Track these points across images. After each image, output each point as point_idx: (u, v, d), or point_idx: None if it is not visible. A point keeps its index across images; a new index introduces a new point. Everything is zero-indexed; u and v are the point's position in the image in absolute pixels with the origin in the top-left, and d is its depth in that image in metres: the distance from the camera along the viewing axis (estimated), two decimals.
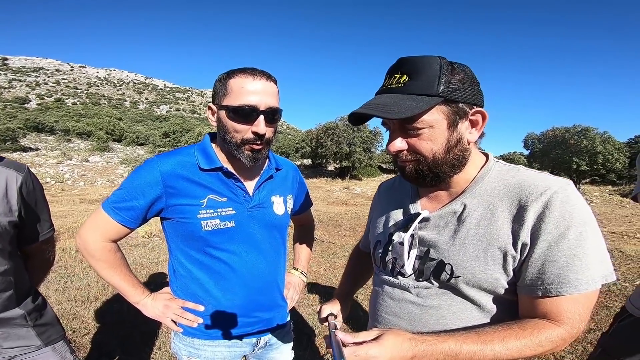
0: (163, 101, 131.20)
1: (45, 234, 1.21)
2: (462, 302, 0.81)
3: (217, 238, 1.08)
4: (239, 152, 1.05)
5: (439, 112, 0.75)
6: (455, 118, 0.76)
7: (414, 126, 0.76)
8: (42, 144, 32.39)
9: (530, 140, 36.68)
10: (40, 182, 1.21)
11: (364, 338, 0.69)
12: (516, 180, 0.78)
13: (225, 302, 1.13)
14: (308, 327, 3.10)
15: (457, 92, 0.74)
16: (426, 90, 0.73)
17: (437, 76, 0.73)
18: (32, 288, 1.18)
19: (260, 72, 1.03)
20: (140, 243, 5.79)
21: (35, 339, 1.11)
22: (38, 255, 1.24)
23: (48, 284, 3.76)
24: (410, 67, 0.76)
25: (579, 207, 0.71)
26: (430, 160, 0.78)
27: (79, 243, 1.09)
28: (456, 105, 0.75)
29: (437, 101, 0.73)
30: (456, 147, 0.78)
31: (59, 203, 12.06)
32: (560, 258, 0.69)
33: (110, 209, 1.04)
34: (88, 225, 1.08)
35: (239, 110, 1.00)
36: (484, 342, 0.69)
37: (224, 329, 1.15)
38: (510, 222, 0.75)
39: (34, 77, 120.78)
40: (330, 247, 6.15)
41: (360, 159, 31.61)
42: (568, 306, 0.70)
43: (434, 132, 0.76)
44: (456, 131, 0.77)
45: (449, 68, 0.74)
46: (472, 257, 0.77)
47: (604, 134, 29.83)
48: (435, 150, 0.77)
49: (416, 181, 0.84)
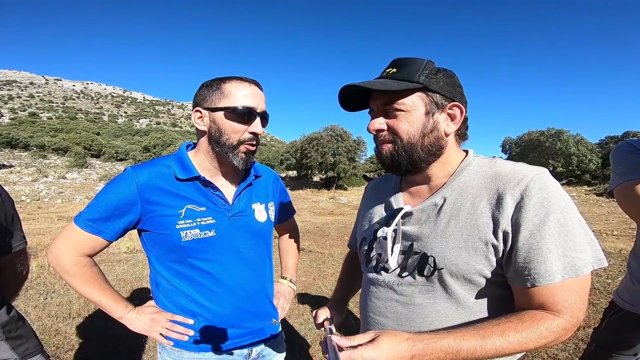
0: (143, 114, 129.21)
1: (17, 246, 1.19)
2: (446, 300, 0.81)
3: (198, 248, 1.07)
4: (233, 154, 1.05)
5: (418, 98, 0.82)
6: (432, 107, 0.83)
7: (394, 107, 0.82)
8: (16, 160, 31.25)
9: (507, 145, 37.82)
10: (10, 195, 1.18)
11: (359, 341, 0.68)
12: (493, 171, 0.81)
13: (213, 313, 1.11)
14: (300, 336, 3.06)
15: (435, 85, 0.82)
16: (408, 77, 0.81)
17: (420, 69, 0.82)
18: (5, 301, 1.14)
19: (251, 79, 1.09)
20: (123, 259, 5.64)
21: (9, 352, 1.07)
22: (10, 269, 1.21)
23: (27, 301, 3.64)
24: (399, 63, 0.85)
25: (556, 194, 0.73)
26: (406, 141, 0.83)
27: (51, 259, 1.05)
28: (434, 95, 0.82)
29: (416, 86, 0.80)
30: (431, 133, 0.83)
31: (36, 221, 11.60)
32: (544, 245, 0.70)
33: (83, 223, 1.01)
34: (60, 240, 1.05)
35: (239, 111, 1.03)
36: (484, 337, 0.69)
37: (214, 340, 1.12)
38: (490, 211, 0.77)
39: (7, 91, 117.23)
40: (318, 257, 6.12)
41: (345, 168, 31.79)
42: (562, 295, 0.70)
43: (411, 116, 0.82)
44: (432, 119, 0.83)
45: (432, 67, 0.83)
46: (453, 247, 0.79)
47: (576, 136, 31.04)
48: (411, 132, 0.82)
49: (392, 166, 0.87)
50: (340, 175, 32.46)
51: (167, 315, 1.10)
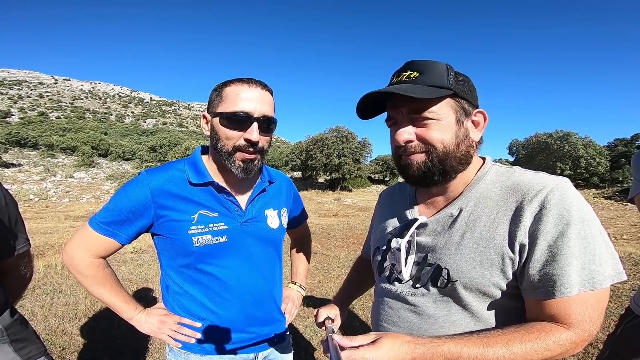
0: (149, 115, 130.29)
1: (20, 248, 1.19)
2: (460, 311, 0.80)
3: (210, 253, 1.06)
4: (230, 161, 1.02)
5: (448, 106, 0.78)
6: (461, 114, 0.79)
7: (424, 115, 0.77)
8: (24, 159, 31.64)
9: (514, 147, 37.52)
10: (13, 197, 1.19)
11: (361, 342, 0.68)
12: (512, 181, 0.78)
13: (221, 318, 1.11)
14: (305, 339, 3.05)
15: (462, 90, 0.79)
16: (438, 82, 0.77)
17: (445, 73, 0.78)
18: (9, 303, 1.15)
19: (256, 81, 1.03)
20: (129, 259, 5.67)
21: (12, 355, 1.07)
22: (14, 271, 1.21)
23: (34, 301, 3.67)
24: (420, 66, 0.80)
25: (578, 205, 0.70)
26: (441, 151, 0.78)
27: (65, 260, 1.06)
28: (462, 102, 0.79)
29: (448, 93, 0.76)
30: (464, 142, 0.80)
31: (43, 220, 11.72)
32: (562, 257, 0.67)
33: (97, 225, 1.02)
34: (74, 241, 1.05)
35: (232, 116, 0.99)
36: (487, 346, 0.68)
37: (220, 344, 1.12)
38: (507, 223, 0.74)
39: (17, 90, 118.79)
40: (323, 259, 6.11)
41: (350, 170, 31.75)
42: (576, 308, 0.68)
43: (443, 124, 0.78)
44: (463, 127, 0.80)
45: (453, 71, 0.80)
46: (468, 260, 0.77)
47: (585, 139, 30.69)
48: (446, 141, 0.78)
49: (423, 179, 0.82)
50: (345, 177, 32.41)
51: (176, 317, 1.11)
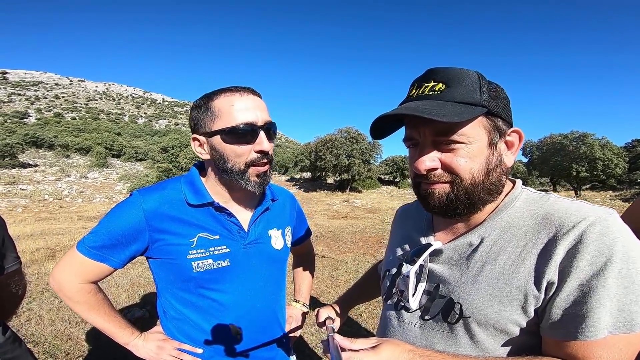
0: (162, 115, 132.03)
1: (9, 267, 1.18)
2: (471, 348, 0.72)
3: (211, 279, 1.00)
4: (244, 179, 0.96)
5: (480, 126, 0.68)
6: (495, 135, 0.69)
7: (452, 139, 0.67)
8: (40, 160, 32.35)
9: (528, 148, 36.74)
10: (1, 216, 1.20)
11: (361, 346, 0.65)
12: (545, 210, 0.69)
13: (223, 344, 1.06)
14: (309, 348, 3.00)
15: (496, 106, 0.68)
16: (468, 98, 0.66)
17: (477, 85, 0.67)
18: (1, 322, 1.15)
19: (243, 88, 0.96)
20: (137, 261, 5.66)
21: None
22: (5, 290, 1.20)
23: (42, 304, 3.71)
24: (446, 76, 0.69)
25: (622, 241, 0.60)
26: (468, 182, 0.69)
27: (54, 285, 1.01)
28: (496, 120, 0.69)
29: (481, 111, 0.66)
30: (496, 169, 0.70)
31: (57, 220, 11.93)
32: (593, 298, 0.59)
33: (86, 250, 0.96)
34: (61, 266, 1.00)
35: (238, 131, 0.91)
36: None
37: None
38: (535, 258, 0.66)
39: (34, 92, 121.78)
40: (331, 263, 6.03)
41: (359, 171, 31.54)
42: (599, 351, 0.61)
43: (473, 149, 0.67)
44: (496, 150, 0.70)
45: (486, 82, 0.69)
46: (484, 296, 0.69)
47: (602, 140, 29.87)
48: (474, 170, 0.68)
49: (445, 210, 0.72)
50: (354, 178, 32.24)
51: (175, 343, 1.06)
